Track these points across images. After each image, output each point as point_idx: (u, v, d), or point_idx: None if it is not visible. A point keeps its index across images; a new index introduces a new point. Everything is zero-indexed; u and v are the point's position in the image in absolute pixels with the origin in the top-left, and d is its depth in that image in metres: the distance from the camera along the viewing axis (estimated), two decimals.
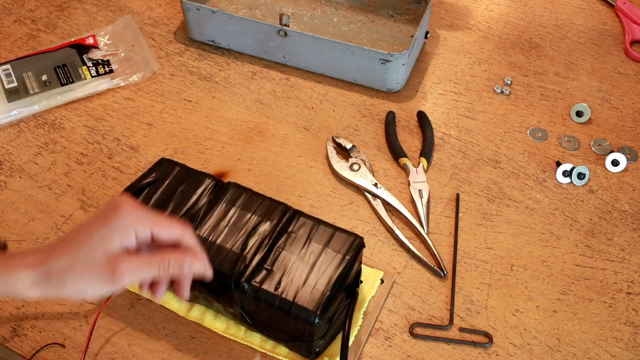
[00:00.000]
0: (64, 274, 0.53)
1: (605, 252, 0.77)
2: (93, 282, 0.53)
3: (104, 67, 0.94)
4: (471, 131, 0.89)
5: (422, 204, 0.80)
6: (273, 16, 1.01)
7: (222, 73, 0.96)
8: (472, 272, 0.75)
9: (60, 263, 0.53)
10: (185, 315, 0.71)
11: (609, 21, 1.03)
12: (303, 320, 0.60)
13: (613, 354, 0.69)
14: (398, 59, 0.87)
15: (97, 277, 0.53)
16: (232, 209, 0.66)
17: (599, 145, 0.87)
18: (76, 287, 0.53)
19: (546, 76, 0.95)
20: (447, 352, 0.69)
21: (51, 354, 0.69)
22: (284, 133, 0.88)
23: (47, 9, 1.05)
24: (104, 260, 0.52)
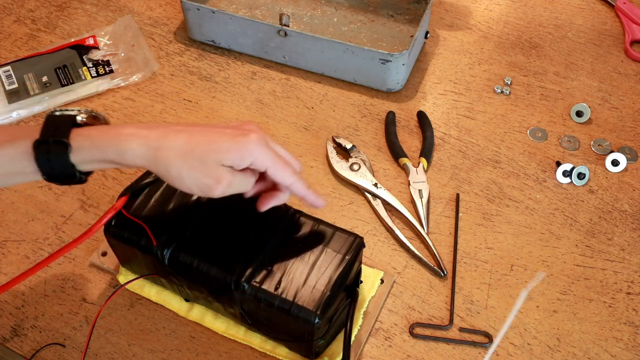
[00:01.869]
0: (173, 160, 0.55)
1: (605, 252, 0.77)
2: (195, 180, 0.56)
3: (104, 68, 0.94)
4: (471, 131, 0.89)
5: (422, 204, 0.80)
6: (273, 16, 1.01)
7: (222, 73, 0.96)
8: (472, 272, 0.75)
9: (174, 149, 0.55)
10: (185, 315, 0.71)
11: (609, 21, 1.03)
12: (303, 320, 0.60)
13: (613, 354, 0.69)
14: (398, 59, 0.87)
15: (200, 179, 0.56)
16: (232, 209, 0.66)
17: (599, 145, 0.87)
18: (178, 177, 0.56)
19: (546, 76, 0.95)
20: (447, 352, 0.69)
21: (51, 354, 0.69)
22: (284, 133, 0.88)
23: (47, 9, 1.05)
24: (214, 169, 0.55)
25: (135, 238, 0.64)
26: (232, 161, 0.56)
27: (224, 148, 0.56)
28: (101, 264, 0.75)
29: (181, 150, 0.55)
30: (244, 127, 0.58)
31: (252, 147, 0.56)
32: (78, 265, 0.76)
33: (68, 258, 0.76)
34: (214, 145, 0.56)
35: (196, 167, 0.55)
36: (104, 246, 0.75)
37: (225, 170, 0.56)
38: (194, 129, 0.57)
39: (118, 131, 0.56)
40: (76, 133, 0.56)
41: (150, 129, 0.56)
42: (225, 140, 0.56)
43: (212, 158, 0.55)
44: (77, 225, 0.79)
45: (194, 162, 0.55)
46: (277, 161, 0.58)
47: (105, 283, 0.74)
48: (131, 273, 0.72)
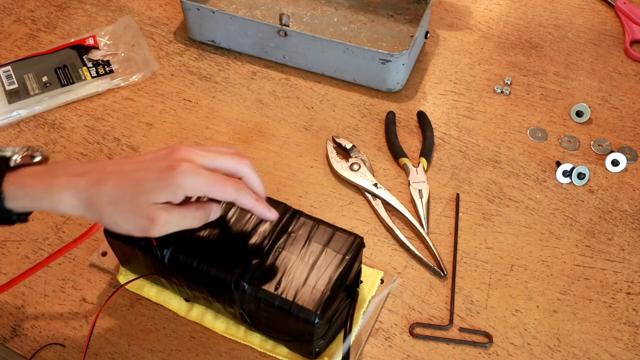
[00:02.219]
0: (105, 207, 0.55)
1: (605, 252, 0.77)
2: (129, 224, 0.55)
3: (104, 68, 0.94)
4: (471, 131, 0.89)
5: (422, 204, 0.80)
6: (273, 16, 1.01)
7: (222, 73, 0.96)
8: (472, 272, 0.75)
9: (105, 196, 0.55)
10: (185, 315, 0.71)
11: (609, 21, 1.03)
12: (303, 320, 0.60)
13: (613, 354, 0.69)
14: (398, 59, 0.87)
15: (135, 221, 0.55)
16: (232, 209, 0.66)
17: (599, 145, 0.87)
18: (113, 222, 0.56)
19: (546, 76, 0.95)
20: (447, 352, 0.69)
21: (51, 354, 0.69)
22: (284, 133, 0.88)
23: (47, 9, 1.05)
24: (146, 209, 0.54)
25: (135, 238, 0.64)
26: (164, 199, 0.55)
27: (152, 187, 0.54)
28: (101, 264, 0.75)
29: (111, 197, 0.55)
30: (172, 157, 0.56)
31: (180, 181, 0.54)
32: (78, 265, 0.76)
33: (68, 258, 0.76)
34: (141, 186, 0.54)
35: (128, 210, 0.55)
36: (104, 246, 0.75)
37: (159, 207, 0.54)
38: (122, 170, 0.56)
39: (50, 182, 0.56)
40: (9, 181, 0.56)
41: (82, 175, 0.56)
42: (152, 178, 0.54)
43: (142, 200, 0.54)
44: (77, 225, 0.79)
45: (125, 206, 0.55)
46: (213, 184, 0.56)
47: (105, 283, 0.74)
48: (131, 273, 0.72)
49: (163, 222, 0.55)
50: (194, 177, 0.55)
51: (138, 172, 0.55)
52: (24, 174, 0.57)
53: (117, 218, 0.55)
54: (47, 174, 0.57)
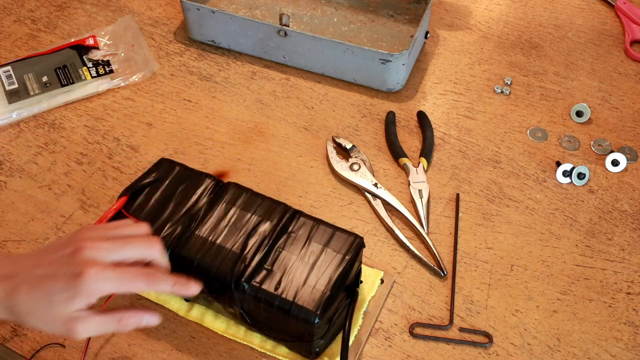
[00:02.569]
0: (25, 317, 0.54)
1: (605, 252, 0.77)
2: (51, 330, 0.54)
3: (104, 68, 0.94)
4: (471, 131, 0.89)
5: (422, 204, 0.80)
6: (273, 16, 1.01)
7: (222, 73, 0.96)
8: (472, 272, 0.75)
9: (22, 306, 0.54)
10: (185, 315, 0.71)
11: (609, 21, 1.03)
12: (303, 320, 0.60)
13: (613, 354, 0.69)
14: (398, 59, 0.87)
15: (55, 328, 0.54)
16: (232, 209, 0.66)
17: (599, 145, 0.87)
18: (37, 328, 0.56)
19: (546, 76, 0.95)
20: (447, 352, 0.69)
21: (51, 354, 0.69)
22: (284, 133, 0.88)
23: (47, 9, 1.05)
24: (64, 319, 0.53)
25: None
26: (78, 306, 0.53)
27: (63, 298, 0.53)
28: None
29: (28, 309, 0.54)
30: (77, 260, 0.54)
31: (88, 288, 0.53)
32: None
33: None
34: (53, 298, 0.53)
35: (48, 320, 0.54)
36: None
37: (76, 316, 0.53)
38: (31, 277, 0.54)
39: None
40: None
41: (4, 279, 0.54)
42: (61, 288, 0.53)
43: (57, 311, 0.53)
44: (77, 225, 0.79)
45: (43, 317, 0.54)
46: (123, 282, 0.54)
47: None
48: None
49: (81, 330, 0.54)
50: (102, 282, 0.53)
51: (46, 279, 0.54)
52: None
53: (40, 326, 0.54)
54: None
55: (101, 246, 0.55)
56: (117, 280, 0.54)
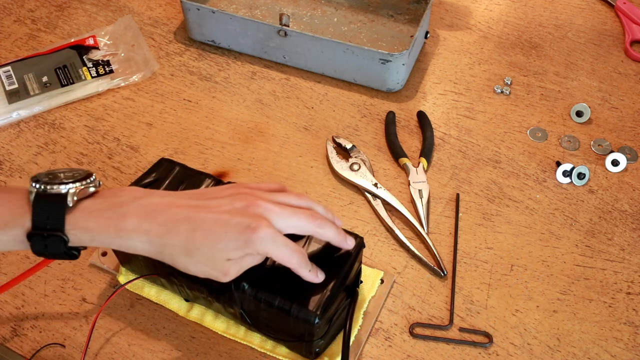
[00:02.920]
0: (178, 256, 0.54)
1: (605, 252, 0.77)
2: (202, 272, 0.55)
3: (104, 68, 0.94)
4: (471, 131, 0.89)
5: (422, 204, 0.80)
6: (273, 16, 1.01)
7: (222, 73, 0.96)
8: (472, 272, 0.75)
9: (178, 246, 0.54)
10: (185, 315, 0.71)
11: (609, 21, 1.03)
12: (303, 320, 0.60)
13: (613, 354, 0.69)
14: (398, 59, 0.87)
15: (208, 272, 0.55)
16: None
17: (599, 145, 0.87)
18: (185, 268, 0.55)
19: (546, 76, 0.95)
20: (447, 352, 0.69)
21: (51, 354, 0.69)
22: (284, 133, 0.88)
23: (47, 9, 1.05)
24: (221, 264, 0.54)
25: None
26: (239, 256, 0.55)
27: (230, 247, 0.54)
28: (101, 264, 0.75)
29: (185, 248, 0.54)
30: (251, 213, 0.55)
31: (258, 247, 0.54)
32: (78, 265, 0.76)
33: None
34: (219, 244, 0.54)
35: (202, 262, 0.54)
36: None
37: (233, 262, 0.55)
38: (197, 218, 0.54)
39: (118, 225, 0.54)
40: (72, 224, 0.54)
41: (152, 219, 0.54)
42: (231, 238, 0.53)
43: (218, 256, 0.54)
44: None
45: (199, 258, 0.54)
46: (285, 252, 0.56)
47: (105, 283, 0.74)
48: (131, 273, 0.72)
49: (235, 272, 0.56)
50: (271, 245, 0.54)
51: (215, 226, 0.54)
52: (85, 214, 0.54)
53: (190, 267, 0.55)
54: (111, 213, 0.54)
55: (273, 209, 0.56)
56: (281, 250, 0.55)
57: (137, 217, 0.54)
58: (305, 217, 0.58)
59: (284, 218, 0.56)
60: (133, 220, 0.54)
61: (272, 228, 0.55)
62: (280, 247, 0.55)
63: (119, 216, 0.54)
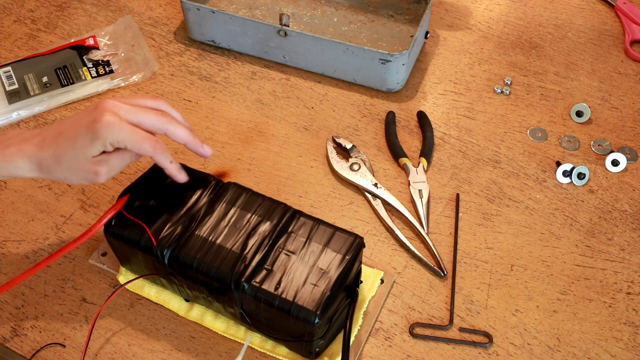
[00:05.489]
0: (53, 167, 0.61)
1: (605, 252, 0.77)
2: (79, 178, 0.61)
3: (104, 68, 0.95)
4: (471, 131, 0.89)
5: (422, 204, 0.80)
6: (273, 16, 1.01)
7: (222, 73, 0.96)
8: (472, 272, 0.75)
9: (49, 156, 0.61)
10: (185, 315, 0.71)
11: (609, 21, 1.03)
12: (303, 320, 0.60)
13: (613, 354, 0.69)
14: (398, 59, 0.87)
15: (82, 175, 0.61)
16: (232, 209, 0.66)
17: (599, 145, 0.87)
18: (65, 178, 0.62)
19: (546, 76, 0.95)
20: (447, 352, 0.69)
21: (51, 354, 0.69)
22: (284, 133, 0.88)
23: (47, 9, 1.05)
24: (87, 164, 0.60)
25: (135, 238, 0.64)
26: (97, 150, 0.60)
27: (84, 144, 0.59)
28: (101, 264, 0.75)
29: (55, 157, 0.60)
30: (97, 110, 0.60)
31: (105, 134, 0.59)
32: (78, 265, 0.76)
33: (68, 258, 0.76)
34: (76, 144, 0.60)
35: (73, 167, 0.60)
36: (104, 246, 0.75)
37: (97, 159, 0.60)
38: (59, 130, 0.61)
39: (3, 152, 0.61)
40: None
41: (28, 142, 0.62)
42: (82, 134, 0.59)
43: (80, 156, 0.60)
44: (77, 225, 0.79)
45: (69, 164, 0.60)
46: (133, 137, 0.60)
47: (105, 283, 0.74)
48: (131, 273, 0.72)
49: (105, 171, 0.61)
50: (117, 131, 0.59)
51: (71, 130, 0.60)
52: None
53: (66, 174, 0.61)
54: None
55: (121, 105, 0.60)
56: (128, 134, 0.59)
57: (17, 144, 0.62)
58: (155, 114, 0.62)
59: (131, 112, 0.60)
60: (14, 147, 0.62)
61: (116, 116, 0.59)
62: (128, 133, 0.59)
63: (3, 147, 0.62)
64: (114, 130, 0.59)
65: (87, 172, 0.60)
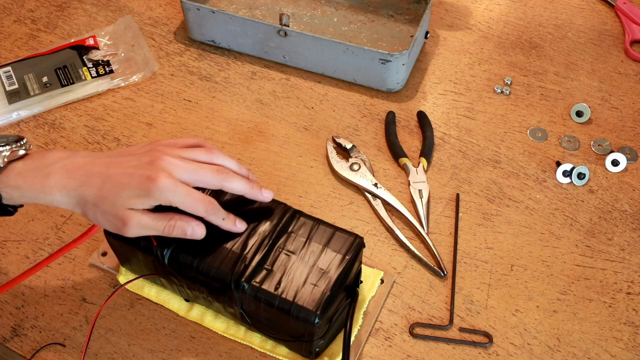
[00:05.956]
0: (90, 207, 0.60)
1: (605, 252, 0.77)
2: (106, 222, 0.60)
3: (104, 68, 0.94)
4: (471, 131, 0.89)
5: (422, 204, 0.80)
6: (273, 16, 1.01)
7: (222, 73, 0.96)
8: (472, 272, 0.75)
9: (90, 197, 0.59)
10: (185, 315, 0.71)
11: (609, 21, 1.03)
12: (303, 320, 0.60)
13: (613, 354, 0.69)
14: (398, 59, 0.87)
15: (111, 221, 0.60)
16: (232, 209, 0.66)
17: (599, 145, 0.87)
18: (95, 219, 0.61)
19: (546, 76, 0.95)
20: (447, 352, 0.69)
21: (51, 354, 0.69)
22: (284, 133, 0.88)
23: (47, 9, 1.05)
24: (121, 212, 0.59)
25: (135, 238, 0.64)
26: (140, 206, 0.59)
27: (131, 195, 0.58)
28: (101, 264, 0.75)
29: (95, 199, 0.59)
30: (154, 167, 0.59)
31: (159, 195, 0.58)
32: (78, 265, 0.76)
33: (68, 258, 0.76)
34: (122, 192, 0.59)
35: (107, 211, 0.59)
36: (104, 246, 0.75)
37: (133, 212, 0.59)
38: (107, 174, 0.60)
39: (42, 182, 0.60)
40: (4, 183, 0.59)
41: (71, 175, 0.60)
42: (133, 186, 0.58)
43: (119, 203, 0.59)
44: (77, 225, 0.79)
45: (105, 208, 0.59)
46: (187, 200, 0.60)
47: (105, 283, 0.74)
48: (131, 273, 0.72)
49: (135, 224, 0.59)
50: (171, 194, 0.58)
51: (122, 177, 0.59)
52: (15, 174, 0.60)
53: (97, 216, 0.60)
54: (37, 173, 0.60)
55: (177, 163, 0.60)
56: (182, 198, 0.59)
57: (59, 174, 0.60)
58: (211, 171, 0.61)
59: (188, 171, 0.60)
60: (55, 178, 0.60)
61: (172, 178, 0.58)
62: (182, 196, 0.59)
63: (43, 175, 0.60)
64: (168, 193, 0.58)
65: (117, 219, 0.59)
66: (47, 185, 0.60)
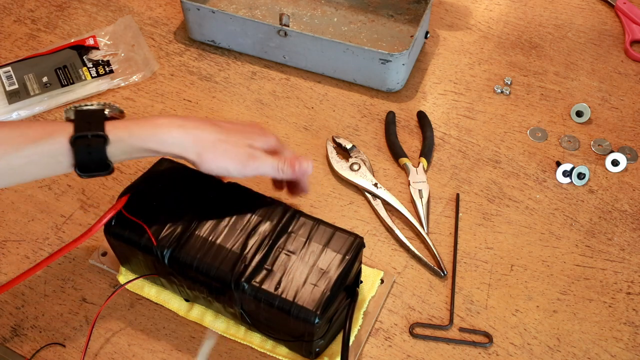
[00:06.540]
0: (205, 146, 0.62)
1: (605, 252, 0.77)
2: (228, 161, 0.62)
3: (104, 68, 0.94)
4: (471, 131, 0.89)
5: (422, 204, 0.80)
6: (273, 16, 1.01)
7: (222, 73, 0.96)
8: (472, 272, 0.75)
9: (208, 136, 0.62)
10: (185, 315, 0.71)
11: (609, 21, 1.03)
12: (303, 320, 0.60)
13: (613, 354, 0.69)
14: (398, 59, 0.87)
15: (235, 158, 0.62)
16: (232, 209, 0.66)
17: (599, 145, 0.87)
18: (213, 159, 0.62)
19: (546, 76, 0.95)
20: (447, 352, 0.69)
21: (51, 354, 0.69)
22: (284, 133, 0.88)
23: (47, 9, 1.05)
24: (247, 148, 0.63)
25: (135, 238, 0.64)
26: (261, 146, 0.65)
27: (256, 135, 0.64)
28: (101, 264, 0.75)
29: (216, 138, 0.62)
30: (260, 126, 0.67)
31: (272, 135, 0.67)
32: (78, 265, 0.76)
33: (68, 258, 0.76)
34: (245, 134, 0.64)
35: (230, 150, 0.62)
36: (104, 246, 0.75)
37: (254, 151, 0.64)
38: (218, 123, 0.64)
39: (154, 122, 0.61)
40: (112, 126, 0.59)
41: (184, 119, 0.62)
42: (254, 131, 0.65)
43: (245, 142, 0.63)
44: (77, 225, 0.79)
45: (227, 147, 0.62)
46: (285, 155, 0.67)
47: (105, 283, 0.74)
48: (131, 273, 0.72)
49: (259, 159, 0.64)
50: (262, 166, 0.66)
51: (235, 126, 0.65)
52: (122, 122, 0.61)
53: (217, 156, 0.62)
54: (147, 119, 0.62)
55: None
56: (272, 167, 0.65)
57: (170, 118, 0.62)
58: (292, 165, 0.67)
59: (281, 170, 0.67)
60: (165, 119, 0.62)
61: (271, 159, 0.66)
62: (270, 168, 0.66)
63: (152, 118, 0.62)
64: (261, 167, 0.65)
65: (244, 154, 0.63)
66: (159, 123, 0.61)
